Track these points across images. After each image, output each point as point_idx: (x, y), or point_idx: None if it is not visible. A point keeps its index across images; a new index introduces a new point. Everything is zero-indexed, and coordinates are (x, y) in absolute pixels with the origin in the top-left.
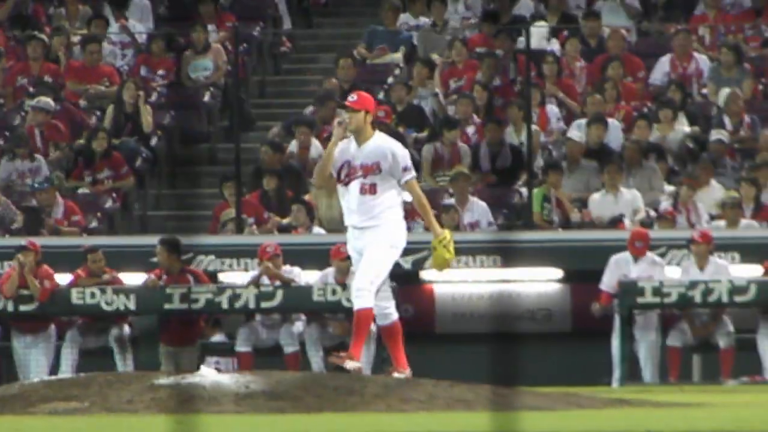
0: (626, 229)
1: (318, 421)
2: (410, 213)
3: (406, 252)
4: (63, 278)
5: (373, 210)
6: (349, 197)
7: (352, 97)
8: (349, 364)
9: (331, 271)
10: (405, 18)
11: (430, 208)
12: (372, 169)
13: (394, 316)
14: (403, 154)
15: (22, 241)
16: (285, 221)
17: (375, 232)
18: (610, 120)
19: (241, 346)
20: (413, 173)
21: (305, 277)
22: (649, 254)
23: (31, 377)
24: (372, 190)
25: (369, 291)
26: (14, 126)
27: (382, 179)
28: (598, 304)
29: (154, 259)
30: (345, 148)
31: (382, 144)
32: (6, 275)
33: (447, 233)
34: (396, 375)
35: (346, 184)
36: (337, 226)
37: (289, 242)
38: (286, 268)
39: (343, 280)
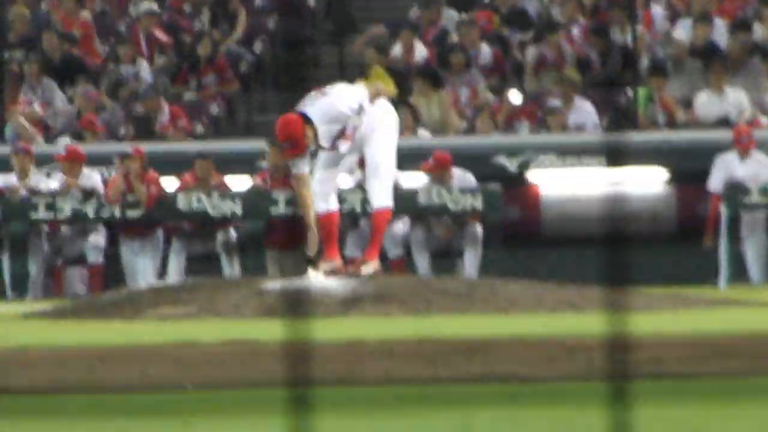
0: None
1: (425, 324)
2: (516, 115)
3: (512, 154)
4: (169, 183)
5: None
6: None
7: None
8: (366, 269)
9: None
10: None
11: None
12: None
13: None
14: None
15: (128, 147)
16: None
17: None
18: (715, 19)
19: (351, 251)
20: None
21: (410, 180)
22: (756, 153)
23: (139, 283)
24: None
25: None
26: (119, 31)
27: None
28: (708, 239)
29: (261, 164)
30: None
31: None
32: (112, 181)
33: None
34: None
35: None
36: (438, 128)
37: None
38: None
39: (443, 183)
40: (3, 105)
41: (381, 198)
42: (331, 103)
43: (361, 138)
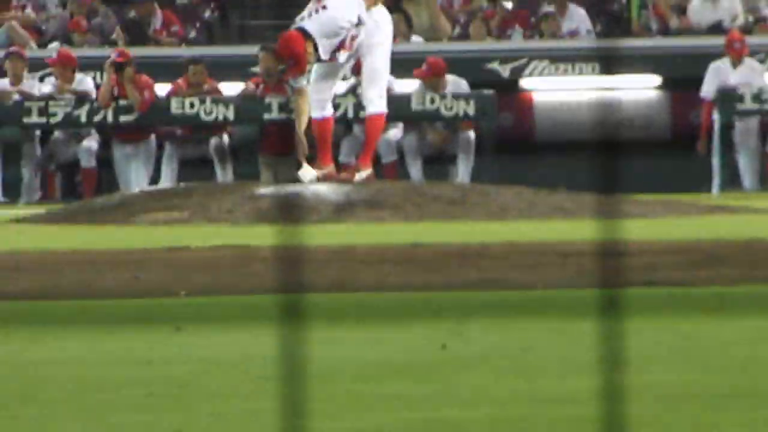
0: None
1: (418, 230)
2: (509, 21)
3: (505, 60)
4: (162, 89)
5: None
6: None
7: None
8: (360, 175)
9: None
10: None
11: None
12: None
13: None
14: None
15: (115, 52)
16: None
17: None
18: None
19: (345, 157)
20: None
21: (403, 86)
22: (749, 60)
23: (132, 187)
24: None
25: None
26: None
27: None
28: (701, 146)
29: (254, 69)
30: None
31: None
32: (103, 85)
33: None
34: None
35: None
36: (428, 34)
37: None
38: None
39: (437, 90)
40: None
41: (376, 104)
42: (331, 17)
43: (358, 46)
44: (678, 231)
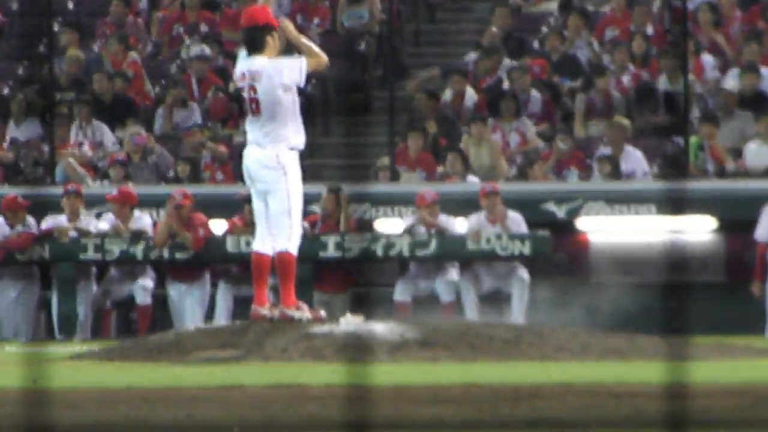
0: None
1: (472, 370)
2: (565, 162)
3: (561, 200)
4: (218, 226)
5: None
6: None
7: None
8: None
9: (483, 216)
10: None
11: None
12: None
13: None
14: None
15: (176, 189)
16: (440, 169)
17: None
18: (763, 69)
19: (400, 296)
20: None
21: (460, 225)
22: None
23: (186, 325)
24: None
25: None
26: (171, 75)
27: None
28: (755, 288)
29: (313, 207)
30: None
31: None
32: (159, 225)
33: None
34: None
35: None
36: (488, 173)
37: (444, 190)
38: (442, 217)
39: (494, 220)
40: (53, 146)
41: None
42: None
43: None
44: (732, 374)
